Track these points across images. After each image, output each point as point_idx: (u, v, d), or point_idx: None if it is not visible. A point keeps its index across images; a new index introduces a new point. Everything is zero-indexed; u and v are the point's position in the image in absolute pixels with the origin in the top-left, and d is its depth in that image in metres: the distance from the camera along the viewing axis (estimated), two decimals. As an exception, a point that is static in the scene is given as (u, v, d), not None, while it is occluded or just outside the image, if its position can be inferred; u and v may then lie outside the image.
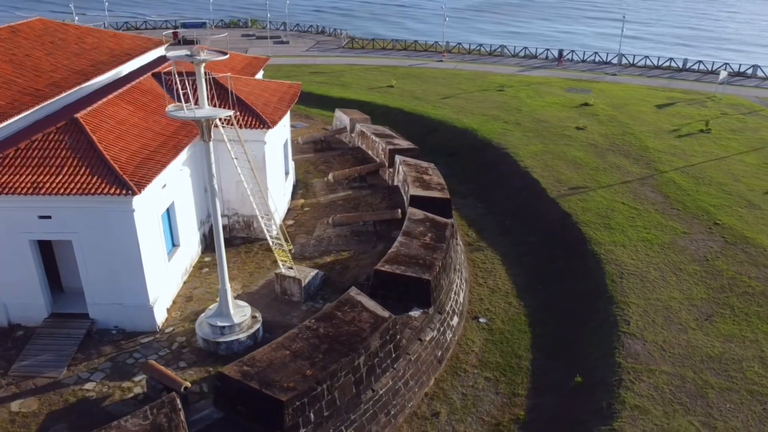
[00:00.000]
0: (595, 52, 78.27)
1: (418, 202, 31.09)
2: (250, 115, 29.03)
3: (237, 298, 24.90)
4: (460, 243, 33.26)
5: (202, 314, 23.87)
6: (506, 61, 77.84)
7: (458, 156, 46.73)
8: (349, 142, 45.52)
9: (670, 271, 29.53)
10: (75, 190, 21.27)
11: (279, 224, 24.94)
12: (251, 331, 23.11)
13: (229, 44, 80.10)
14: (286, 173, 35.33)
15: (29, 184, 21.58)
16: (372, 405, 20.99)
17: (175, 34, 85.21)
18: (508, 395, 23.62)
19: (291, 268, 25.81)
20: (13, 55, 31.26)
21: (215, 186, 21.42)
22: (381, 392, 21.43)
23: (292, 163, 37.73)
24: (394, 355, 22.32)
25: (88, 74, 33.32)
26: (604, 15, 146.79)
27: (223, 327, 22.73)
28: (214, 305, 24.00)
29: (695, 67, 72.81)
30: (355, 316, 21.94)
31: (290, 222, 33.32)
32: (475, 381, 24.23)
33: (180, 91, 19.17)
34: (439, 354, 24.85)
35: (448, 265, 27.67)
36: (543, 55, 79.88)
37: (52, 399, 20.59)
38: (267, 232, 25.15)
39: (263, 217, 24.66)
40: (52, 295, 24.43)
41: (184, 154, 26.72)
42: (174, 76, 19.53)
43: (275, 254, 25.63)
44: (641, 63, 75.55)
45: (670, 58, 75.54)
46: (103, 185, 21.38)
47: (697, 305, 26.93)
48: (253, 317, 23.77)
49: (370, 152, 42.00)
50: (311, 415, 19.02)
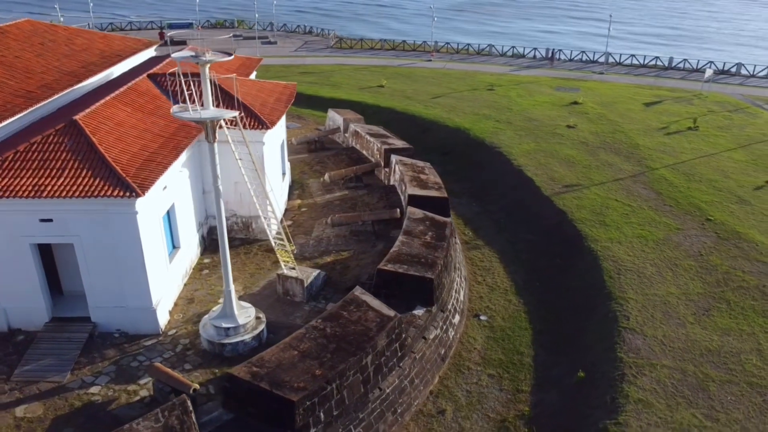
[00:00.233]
0: (582, 51, 79.05)
1: (417, 202, 31.19)
2: (248, 115, 28.95)
3: (239, 299, 24.80)
4: (458, 241, 33.43)
5: (206, 316, 23.77)
6: (495, 61, 78.27)
7: (451, 155, 46.90)
8: (343, 142, 45.53)
9: (666, 266, 29.95)
10: (77, 193, 21.10)
11: (283, 225, 24.84)
12: (256, 332, 23.08)
13: (217, 45, 79.55)
14: (283, 174, 35.30)
15: (30, 187, 21.35)
16: (379, 404, 21.07)
17: (161, 35, 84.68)
18: (512, 391, 23.82)
19: (293, 269, 25.79)
20: (2, 57, 30.84)
21: (219, 187, 21.36)
22: (388, 391, 21.50)
23: (288, 163, 37.66)
24: (399, 354, 22.42)
25: (79, 76, 32.99)
26: (585, 15, 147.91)
27: (228, 328, 22.67)
28: (218, 307, 23.93)
29: (681, 65, 73.82)
30: (361, 316, 22.00)
31: (288, 222, 33.24)
32: (478, 378, 24.40)
33: (186, 92, 19.08)
34: (443, 352, 24.99)
35: (449, 263, 27.82)
36: (531, 55, 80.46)
37: (57, 403, 20.40)
38: (270, 232, 25.11)
39: (266, 218, 24.62)
40: (52, 299, 24.20)
41: (183, 156, 26.61)
42: (179, 77, 19.44)
43: (277, 255, 25.60)
44: (627, 62, 76.39)
45: (656, 57, 76.54)
46: (106, 187, 21.22)
47: (694, 300, 27.36)
48: (257, 318, 23.73)
49: (364, 152, 42.05)
50: (321, 414, 19.05)
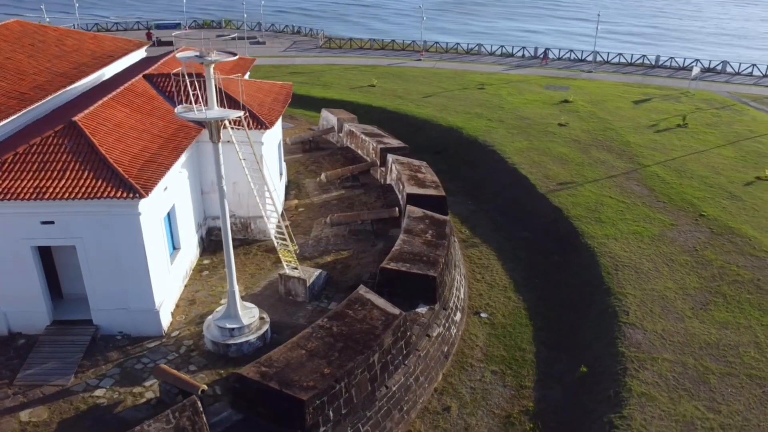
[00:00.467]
0: (571, 50, 79.67)
1: (415, 200, 31.30)
2: (248, 115, 28.86)
3: (241, 299, 24.75)
4: (456, 239, 33.58)
5: (210, 316, 23.70)
6: (484, 60, 78.63)
7: (445, 154, 47.09)
8: (337, 142, 45.52)
9: (662, 261, 30.34)
10: (80, 195, 20.93)
11: (286, 224, 24.82)
12: (260, 333, 23.04)
13: (204, 45, 78.95)
14: (281, 174, 35.25)
15: (32, 190, 21.15)
16: (386, 401, 21.15)
17: (148, 35, 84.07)
18: (516, 387, 24.01)
19: (296, 269, 25.78)
20: (-7, 58, 30.62)
21: (224, 187, 21.31)
22: (394, 389, 21.60)
23: (284, 163, 37.61)
24: (405, 352, 22.52)
25: (72, 77, 32.77)
26: (568, 14, 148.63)
27: (233, 329, 22.62)
28: (221, 308, 23.87)
29: (667, 63, 74.68)
30: (367, 314, 22.07)
31: (286, 223, 33.12)
32: (482, 375, 24.56)
33: (191, 93, 19.01)
34: (446, 349, 25.13)
35: (449, 261, 27.97)
36: (520, 54, 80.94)
37: (63, 407, 20.23)
38: (272, 232, 25.09)
39: (269, 219, 24.59)
40: (52, 302, 23.98)
41: (183, 157, 26.48)
42: (183, 78, 19.37)
43: (280, 255, 25.58)
44: (615, 60, 77.10)
45: (643, 56, 77.31)
46: (109, 189, 21.08)
47: (691, 294, 27.75)
48: (261, 318, 23.69)
49: (359, 151, 42.08)
50: (330, 413, 19.10)
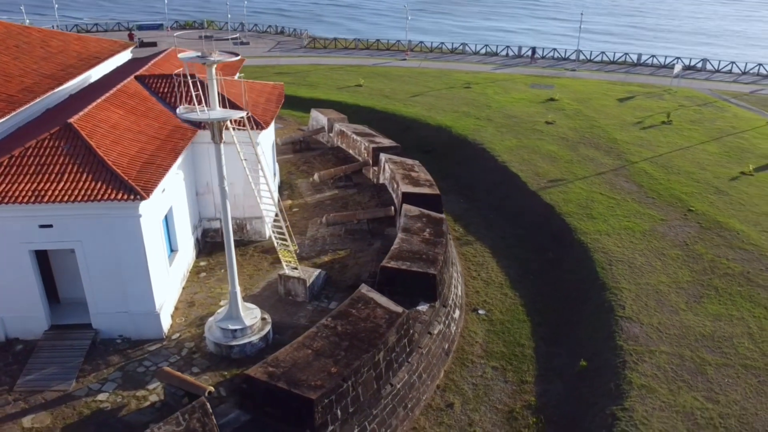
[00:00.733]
0: (554, 49, 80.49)
1: (410, 199, 31.44)
2: (248, 115, 28.71)
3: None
4: (450, 237, 33.79)
5: (211, 318, 23.60)
6: (468, 59, 79.12)
7: (434, 153, 47.26)
8: (327, 142, 45.50)
9: (655, 256, 30.85)
10: (80, 197, 20.70)
11: (286, 224, 24.78)
12: (263, 333, 23.00)
13: (187, 46, 78.40)
14: (274, 174, 35.16)
15: (30, 193, 20.87)
16: (391, 399, 21.24)
17: (130, 36, 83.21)
18: (517, 383, 24.26)
19: (296, 269, 25.76)
20: (-22, 60, 30.15)
21: (226, 187, 21.23)
22: (398, 386, 21.70)
23: (276, 164, 37.52)
24: (408, 350, 22.64)
25: (59, 78, 32.35)
26: (547, 15, 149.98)
27: (235, 330, 22.54)
28: (222, 309, 23.77)
29: (649, 61, 75.81)
30: (370, 313, 22.14)
31: (287, 223, 33.02)
32: (483, 371, 24.77)
33: (193, 94, 18.92)
34: (446, 346, 25.30)
35: (447, 259, 28.15)
36: (504, 53, 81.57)
37: (65, 412, 20.00)
38: (272, 232, 25.04)
39: (269, 219, 24.54)
40: (49, 306, 23.69)
41: (180, 158, 26.30)
42: (186, 78, 19.26)
43: (280, 255, 25.55)
44: (598, 59, 78.07)
45: (625, 54, 78.36)
46: (109, 191, 20.88)
47: (684, 288, 28.26)
48: (263, 319, 23.65)
49: (351, 151, 42.12)
50: (338, 412, 19.14)
